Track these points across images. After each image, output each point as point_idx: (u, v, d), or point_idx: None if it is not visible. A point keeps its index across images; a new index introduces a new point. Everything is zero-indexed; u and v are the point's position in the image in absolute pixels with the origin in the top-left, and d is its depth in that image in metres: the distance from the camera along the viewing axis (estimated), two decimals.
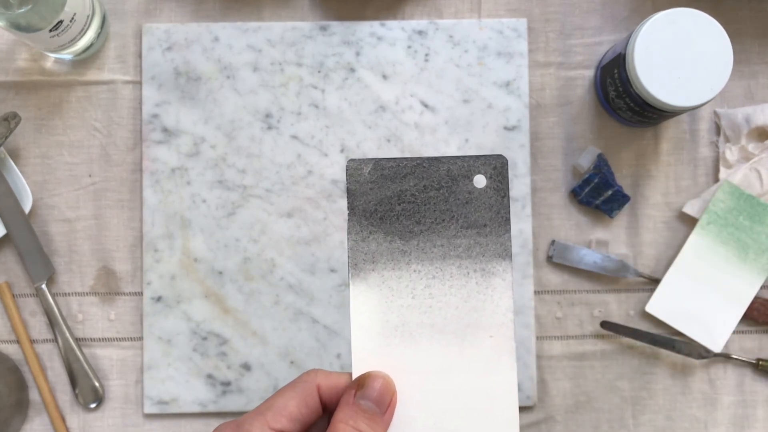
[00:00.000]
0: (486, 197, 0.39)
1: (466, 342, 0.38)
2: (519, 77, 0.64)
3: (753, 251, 0.63)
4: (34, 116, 0.64)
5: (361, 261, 0.39)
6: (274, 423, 0.36)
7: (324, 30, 0.64)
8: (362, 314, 0.39)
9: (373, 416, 0.37)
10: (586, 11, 0.65)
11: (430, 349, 0.38)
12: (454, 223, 0.39)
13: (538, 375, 0.64)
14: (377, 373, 0.38)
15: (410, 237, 0.39)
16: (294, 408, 0.37)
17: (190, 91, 0.64)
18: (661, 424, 0.64)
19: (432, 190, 0.39)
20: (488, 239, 0.39)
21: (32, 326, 0.64)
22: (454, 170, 0.39)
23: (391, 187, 0.39)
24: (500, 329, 0.38)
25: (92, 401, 0.63)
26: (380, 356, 0.38)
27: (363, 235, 0.39)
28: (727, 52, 0.56)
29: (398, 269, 0.39)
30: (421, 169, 0.39)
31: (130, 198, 0.64)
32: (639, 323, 0.64)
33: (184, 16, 0.65)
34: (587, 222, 0.64)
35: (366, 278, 0.39)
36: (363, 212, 0.39)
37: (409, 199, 0.39)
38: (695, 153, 0.65)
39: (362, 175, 0.39)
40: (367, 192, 0.39)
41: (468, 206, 0.39)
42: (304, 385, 0.38)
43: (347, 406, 0.37)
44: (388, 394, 0.37)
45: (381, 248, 0.39)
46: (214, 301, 0.63)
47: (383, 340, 0.38)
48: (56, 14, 0.56)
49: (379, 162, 0.39)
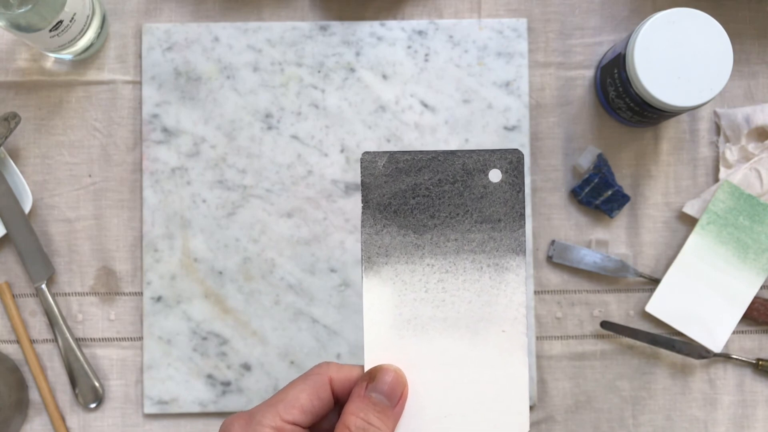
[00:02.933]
0: (501, 192, 0.38)
1: (479, 336, 0.38)
2: (519, 77, 0.64)
3: (753, 251, 0.63)
4: (34, 116, 0.64)
5: (375, 254, 0.39)
6: (285, 415, 0.37)
7: (324, 30, 0.64)
8: (375, 307, 0.39)
9: (383, 409, 0.37)
10: (586, 11, 0.65)
11: (443, 343, 0.38)
12: (469, 218, 0.38)
13: (538, 375, 0.64)
14: (389, 367, 0.38)
15: (424, 231, 0.39)
16: (306, 400, 0.37)
17: (190, 91, 0.64)
18: (661, 424, 0.64)
19: (447, 184, 0.38)
20: (502, 234, 0.38)
21: (32, 326, 0.64)
22: (470, 164, 0.38)
23: (406, 181, 0.38)
24: (513, 324, 0.38)
25: (92, 401, 0.63)
26: (392, 349, 0.38)
27: (377, 229, 0.39)
28: (727, 52, 0.56)
29: (412, 263, 0.39)
30: (436, 163, 0.38)
31: (130, 198, 0.64)
32: (639, 323, 0.64)
33: (184, 16, 0.65)
34: (587, 222, 0.64)
35: (379, 272, 0.39)
36: (377, 205, 0.39)
37: (424, 193, 0.39)
38: (695, 153, 0.65)
39: (377, 168, 0.39)
40: (381, 185, 0.39)
41: (483, 201, 0.38)
42: (317, 378, 0.38)
43: (358, 399, 0.37)
44: (399, 387, 0.38)
45: (395, 242, 0.39)
46: (214, 301, 0.63)
47: (396, 333, 0.38)
48: (56, 14, 0.56)
49: (394, 155, 0.38)
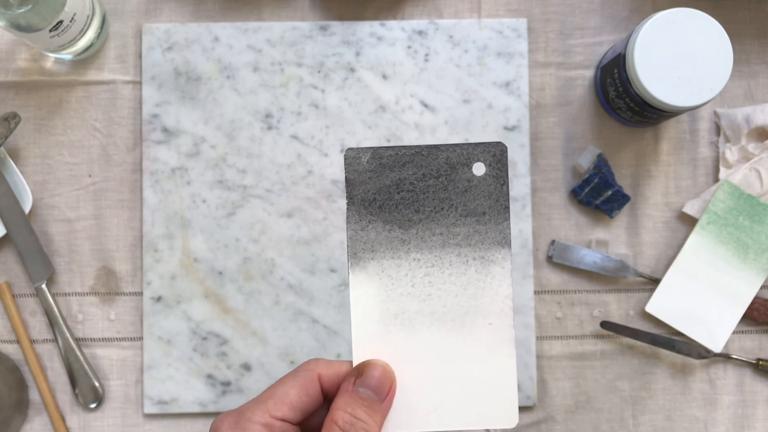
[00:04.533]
0: (485, 185, 0.38)
1: (466, 329, 0.38)
2: (519, 77, 0.64)
3: (753, 251, 0.63)
4: (34, 116, 0.64)
5: (361, 250, 0.39)
6: (275, 411, 0.37)
7: (324, 30, 0.64)
8: (362, 303, 0.39)
9: (371, 404, 0.37)
10: (586, 11, 0.65)
11: (430, 337, 0.39)
12: (453, 212, 0.39)
13: (538, 375, 0.64)
14: (376, 362, 0.38)
15: (409, 225, 0.39)
16: (295, 396, 0.37)
17: (190, 91, 0.64)
18: (661, 424, 0.64)
19: (431, 179, 0.39)
20: (487, 227, 0.38)
21: (32, 326, 0.64)
22: (453, 158, 0.38)
23: (390, 176, 0.39)
24: (499, 317, 0.38)
25: (92, 401, 0.63)
26: (380, 344, 0.38)
27: (362, 224, 0.39)
28: (727, 52, 0.56)
29: (397, 258, 0.39)
30: (420, 158, 0.38)
31: (130, 198, 0.64)
32: (639, 323, 0.64)
33: (184, 16, 0.65)
34: (587, 222, 0.64)
35: (365, 267, 0.39)
36: (362, 201, 0.39)
37: (408, 188, 0.39)
38: (695, 153, 0.65)
39: (360, 164, 0.39)
40: (365, 181, 0.39)
41: (467, 194, 0.38)
42: (306, 374, 0.38)
43: (346, 394, 0.37)
44: (387, 382, 0.38)
45: (380, 237, 0.39)
46: (214, 301, 0.63)
47: (383, 328, 0.39)
48: (56, 14, 0.56)
49: (378, 150, 0.38)
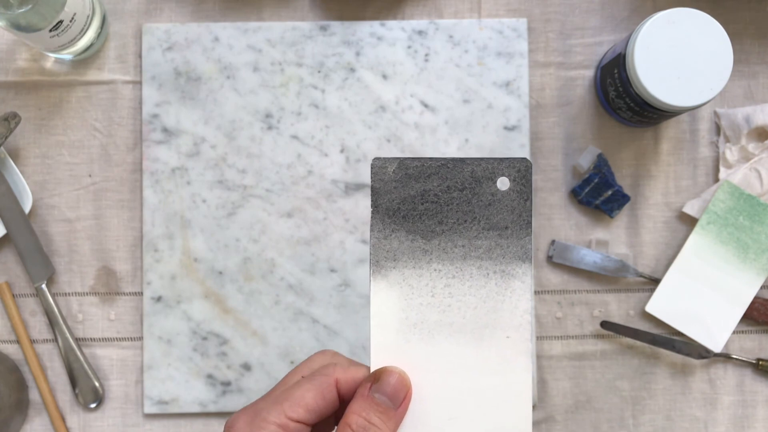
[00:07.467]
0: (509, 200, 0.39)
1: (484, 342, 0.39)
2: (519, 77, 0.64)
3: (753, 251, 0.63)
4: (34, 116, 0.64)
5: (383, 258, 0.39)
6: (291, 413, 0.37)
7: (324, 30, 0.64)
8: (382, 311, 0.39)
9: (386, 410, 0.37)
10: (586, 11, 0.65)
11: (448, 348, 0.39)
12: (476, 225, 0.39)
13: (538, 375, 0.64)
14: (393, 369, 0.38)
15: (432, 236, 0.39)
16: (311, 400, 0.38)
17: (190, 91, 0.64)
18: (661, 424, 0.64)
19: (455, 191, 0.39)
20: (509, 241, 0.39)
21: (32, 326, 0.64)
22: (478, 172, 0.39)
23: (415, 187, 0.39)
24: (517, 330, 0.39)
25: (92, 401, 0.63)
26: (398, 352, 0.39)
27: (385, 233, 0.39)
28: (727, 52, 0.56)
29: (419, 268, 0.39)
30: (446, 170, 0.39)
31: (130, 198, 0.64)
32: (639, 323, 0.64)
33: (184, 16, 0.65)
34: (587, 222, 0.64)
35: (387, 275, 0.39)
36: (386, 210, 0.39)
37: (432, 199, 0.39)
38: (695, 153, 0.65)
39: (387, 173, 0.39)
40: (390, 190, 0.39)
41: (490, 208, 0.39)
42: (323, 379, 0.38)
43: (362, 398, 0.37)
44: (402, 389, 0.38)
45: (402, 246, 0.39)
46: (214, 301, 0.63)
47: (402, 337, 0.39)
48: (56, 14, 0.56)
49: (404, 161, 0.39)
